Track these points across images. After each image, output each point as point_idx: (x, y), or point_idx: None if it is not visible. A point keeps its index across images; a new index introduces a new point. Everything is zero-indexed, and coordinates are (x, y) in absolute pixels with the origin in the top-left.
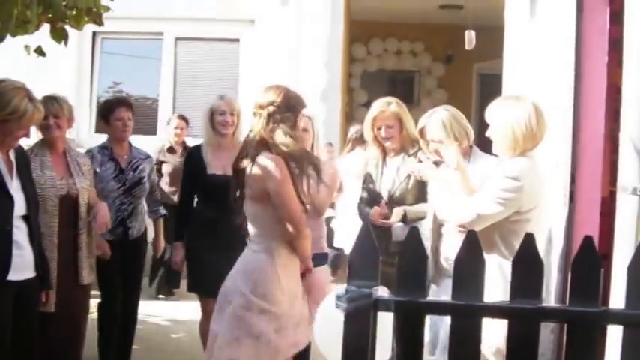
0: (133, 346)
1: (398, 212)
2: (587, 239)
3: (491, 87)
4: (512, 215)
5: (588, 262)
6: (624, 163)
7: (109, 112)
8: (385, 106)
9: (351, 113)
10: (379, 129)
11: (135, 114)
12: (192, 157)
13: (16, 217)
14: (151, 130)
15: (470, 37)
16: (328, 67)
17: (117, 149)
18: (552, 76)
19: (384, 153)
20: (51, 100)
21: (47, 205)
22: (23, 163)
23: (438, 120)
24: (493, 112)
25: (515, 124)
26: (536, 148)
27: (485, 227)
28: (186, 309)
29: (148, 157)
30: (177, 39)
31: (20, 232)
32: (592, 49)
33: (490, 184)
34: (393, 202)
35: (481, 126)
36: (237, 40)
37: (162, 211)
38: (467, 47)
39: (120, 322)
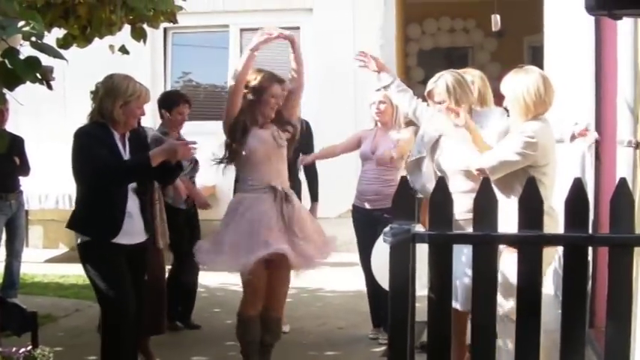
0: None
1: None
2: (577, 181)
3: (541, 59)
4: (529, 168)
5: (578, 198)
6: (621, 118)
7: (173, 105)
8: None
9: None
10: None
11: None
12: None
13: (129, 189)
14: (221, 115)
15: (495, 20)
16: (383, 48)
17: (173, 134)
18: (580, 46)
19: None
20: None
21: None
22: (139, 143)
23: (443, 83)
24: (506, 83)
25: (525, 93)
26: (547, 112)
27: (505, 177)
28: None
29: None
30: (242, 30)
31: (133, 204)
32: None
33: (509, 141)
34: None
35: None
36: (298, 28)
37: None
38: (493, 29)
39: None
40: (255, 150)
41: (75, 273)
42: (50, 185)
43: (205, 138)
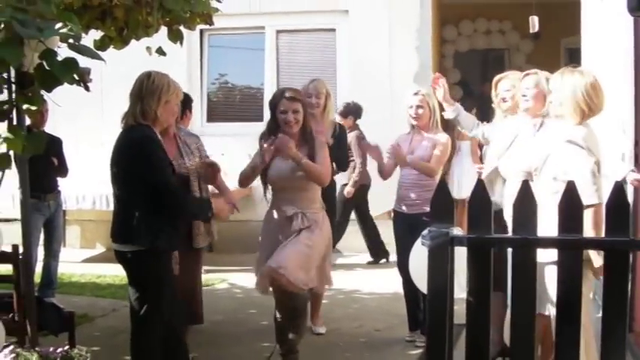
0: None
1: None
2: (617, 185)
3: (578, 61)
4: None
5: (619, 202)
6: None
7: (191, 103)
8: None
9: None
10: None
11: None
12: None
13: None
14: (257, 117)
15: (533, 22)
16: (419, 50)
17: None
18: (618, 48)
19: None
20: None
21: None
22: None
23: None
24: (554, 84)
25: (574, 95)
26: (593, 117)
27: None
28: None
29: None
30: (278, 31)
31: None
32: None
33: (576, 165)
34: None
35: None
36: (334, 30)
37: None
38: (530, 31)
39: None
40: (273, 182)
41: (112, 273)
42: (87, 186)
43: (240, 139)
